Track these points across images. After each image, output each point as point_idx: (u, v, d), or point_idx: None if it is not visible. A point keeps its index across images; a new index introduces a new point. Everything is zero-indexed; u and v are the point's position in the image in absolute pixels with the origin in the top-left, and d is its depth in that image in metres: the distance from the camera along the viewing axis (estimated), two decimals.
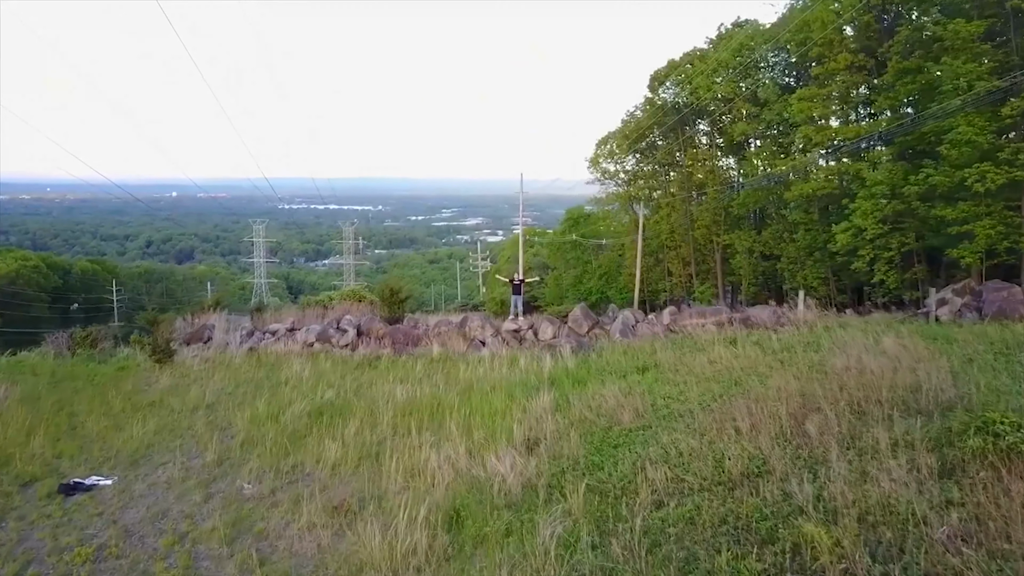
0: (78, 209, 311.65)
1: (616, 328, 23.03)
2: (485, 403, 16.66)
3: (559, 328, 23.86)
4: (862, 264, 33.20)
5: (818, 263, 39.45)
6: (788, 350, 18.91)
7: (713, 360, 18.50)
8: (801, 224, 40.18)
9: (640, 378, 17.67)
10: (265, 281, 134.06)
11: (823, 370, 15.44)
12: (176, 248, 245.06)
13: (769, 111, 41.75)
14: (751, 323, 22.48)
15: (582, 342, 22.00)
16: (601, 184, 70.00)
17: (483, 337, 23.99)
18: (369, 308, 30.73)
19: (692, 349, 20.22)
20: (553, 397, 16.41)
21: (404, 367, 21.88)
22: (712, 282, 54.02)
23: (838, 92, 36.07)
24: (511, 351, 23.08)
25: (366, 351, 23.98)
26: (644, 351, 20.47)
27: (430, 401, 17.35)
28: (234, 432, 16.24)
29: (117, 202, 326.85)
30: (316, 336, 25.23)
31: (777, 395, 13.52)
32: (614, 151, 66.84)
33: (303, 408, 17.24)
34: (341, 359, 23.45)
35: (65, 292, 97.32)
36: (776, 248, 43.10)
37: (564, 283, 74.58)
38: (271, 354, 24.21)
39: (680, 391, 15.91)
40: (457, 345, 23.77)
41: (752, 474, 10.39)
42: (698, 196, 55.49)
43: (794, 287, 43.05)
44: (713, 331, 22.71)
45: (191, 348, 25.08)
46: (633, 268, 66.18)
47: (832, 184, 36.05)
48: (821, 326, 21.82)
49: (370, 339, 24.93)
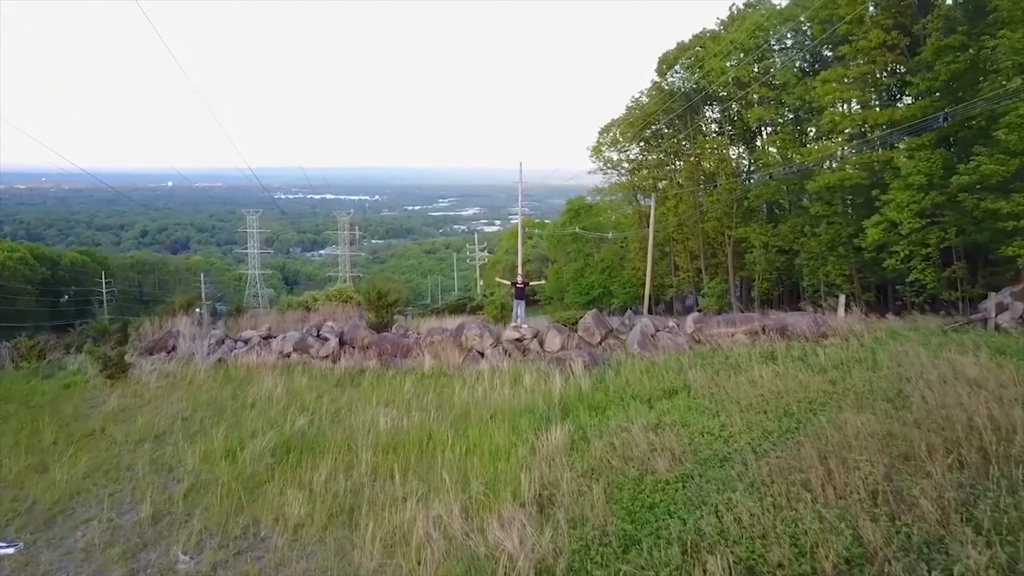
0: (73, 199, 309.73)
1: (633, 339, 20.19)
2: (485, 438, 13.83)
3: (568, 338, 21.02)
4: (895, 262, 30.38)
5: (841, 259, 36.68)
6: (840, 368, 16.13)
7: (755, 382, 15.69)
8: (823, 217, 37.32)
9: (669, 405, 14.85)
10: (259, 272, 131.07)
11: (898, 399, 12.76)
12: (171, 238, 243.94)
13: (788, 95, 38.84)
14: (788, 333, 19.66)
15: (595, 355, 19.16)
16: (603, 174, 67.42)
17: (481, 347, 21.16)
18: (356, 310, 27.88)
19: (726, 366, 17.41)
20: (567, 431, 13.57)
21: (391, 385, 19.05)
22: (722, 277, 51.27)
23: (867, 73, 33.09)
24: (513, 364, 20.24)
25: (349, 363, 21.15)
26: (670, 368, 17.65)
27: (419, 433, 14.53)
28: (181, 475, 13.39)
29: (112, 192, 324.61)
30: (293, 345, 22.38)
31: (854, 438, 10.81)
32: (617, 139, 64.12)
33: (268, 442, 14.38)
34: (320, 373, 20.61)
35: (54, 284, 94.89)
36: (795, 243, 40.26)
37: (564, 277, 71.88)
38: (241, 367, 21.35)
39: (722, 425, 13.13)
40: (452, 357, 20.94)
41: (849, 562, 7.69)
42: (708, 187, 52.65)
43: (813, 284, 40.29)
44: (745, 342, 19.90)
45: (153, 359, 22.22)
46: (637, 262, 63.44)
47: (860, 174, 33.14)
48: (869, 336, 19.03)
49: (354, 349, 22.09)
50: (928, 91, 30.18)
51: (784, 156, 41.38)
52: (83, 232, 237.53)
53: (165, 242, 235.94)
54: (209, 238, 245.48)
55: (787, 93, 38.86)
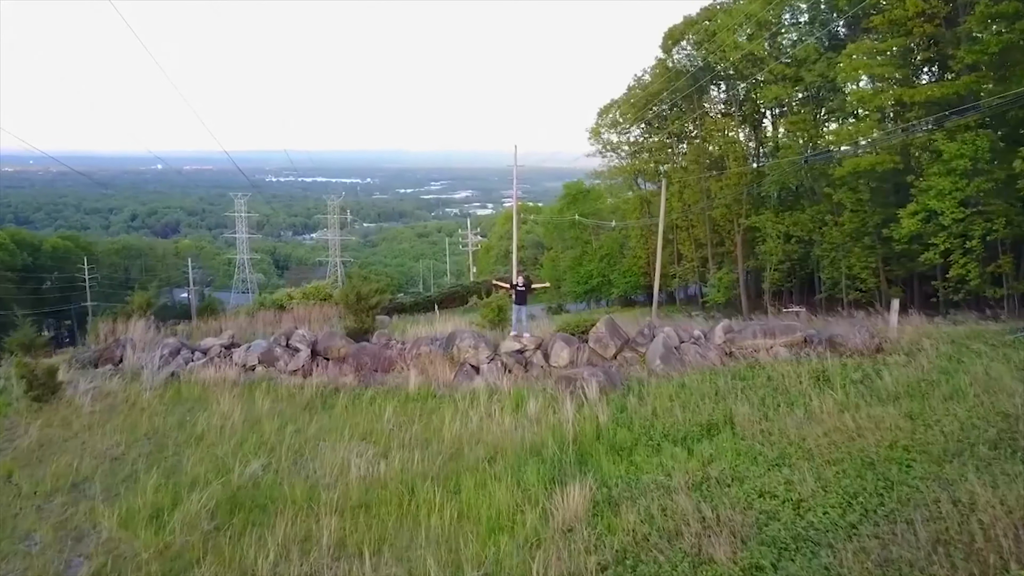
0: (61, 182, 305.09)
1: (655, 352, 17.20)
2: (482, 499, 10.86)
3: (577, 350, 18.01)
4: (933, 255, 27.42)
5: (867, 250, 33.70)
6: (914, 396, 13.24)
7: (814, 414, 12.76)
8: (847, 205, 34.28)
9: (712, 448, 11.90)
10: (247, 257, 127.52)
11: (1006, 444, 10.07)
12: (161, 222, 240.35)
13: (808, 72, 35.70)
14: (837, 345, 16.71)
15: (611, 374, 16.18)
16: (602, 157, 64.29)
17: (476, 361, 18.15)
18: (336, 310, 24.83)
19: (772, 392, 14.45)
20: (588, 489, 10.59)
21: (369, 410, 16.05)
22: (730, 267, 48.29)
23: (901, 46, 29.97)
24: (514, 382, 17.26)
25: (322, 379, 18.13)
26: (704, 394, 14.67)
27: (399, 486, 11.54)
28: (91, 548, 10.38)
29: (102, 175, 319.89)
30: (259, 356, 19.34)
31: (981, 510, 8.07)
32: (618, 120, 60.94)
33: (209, 497, 11.37)
34: (287, 392, 17.56)
35: (36, 271, 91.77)
36: (814, 232, 37.25)
37: (561, 265, 68.82)
38: (196, 384, 18.28)
39: (787, 482, 10.25)
40: (442, 372, 17.94)
41: None
42: (715, 171, 49.59)
43: (832, 277, 37.36)
44: (786, 357, 16.95)
45: (96, 374, 19.15)
46: (639, 250, 60.42)
47: (893, 158, 30.05)
48: (932, 349, 16.10)
49: (328, 361, 19.06)
50: (974, 65, 27.11)
51: (803, 139, 38.37)
52: (71, 216, 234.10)
53: (155, 226, 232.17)
54: (199, 222, 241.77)
55: (807, 70, 35.81)
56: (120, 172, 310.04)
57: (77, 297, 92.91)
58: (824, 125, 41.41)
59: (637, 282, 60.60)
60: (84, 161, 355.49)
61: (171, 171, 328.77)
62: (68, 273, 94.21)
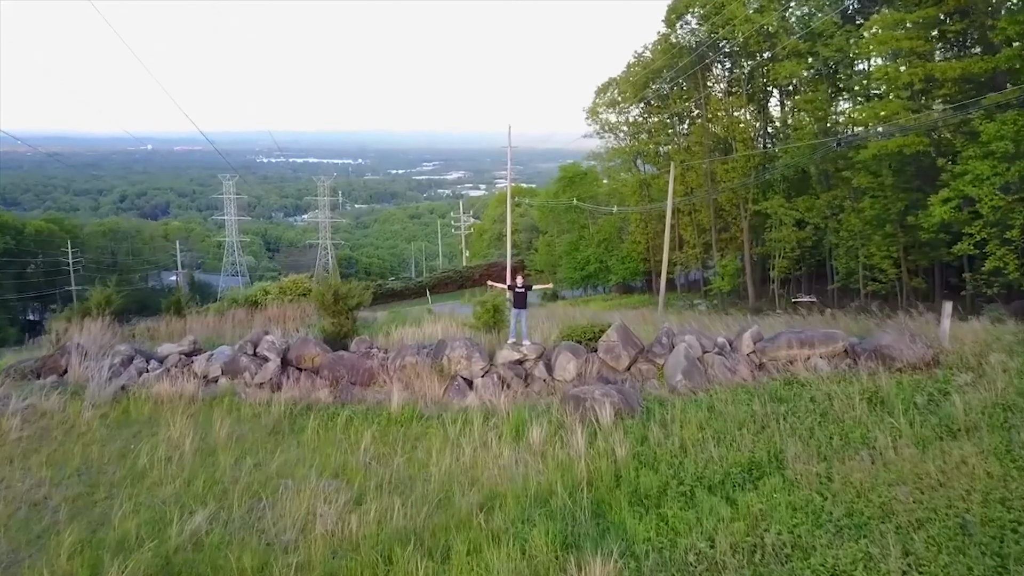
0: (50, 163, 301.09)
1: (676, 365, 14.90)
2: (477, 572, 8.57)
3: (585, 362, 15.70)
4: (967, 245, 25.18)
5: (888, 238, 31.39)
6: (998, 427, 11.04)
7: (880, 454, 10.52)
8: (867, 190, 31.93)
9: (760, 500, 9.60)
10: (237, 240, 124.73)
11: None
12: (151, 203, 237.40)
13: (825, 46, 33.22)
14: (886, 357, 14.45)
15: (627, 393, 13.88)
16: (600, 138, 61.83)
17: (469, 373, 15.84)
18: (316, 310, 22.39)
19: (820, 419, 12.18)
20: (612, 562, 8.31)
21: (344, 435, 13.72)
22: (735, 254, 45.99)
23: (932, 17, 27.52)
24: (512, 399, 14.98)
25: (293, 392, 15.82)
26: (740, 420, 12.40)
27: (371, 552, 9.24)
28: None
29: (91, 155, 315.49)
30: (223, 366, 17.00)
31: None
32: (616, 100, 58.41)
33: (134, 569, 9.05)
34: (251, 411, 15.23)
35: (20, 254, 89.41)
36: (831, 219, 34.92)
37: (557, 250, 66.44)
38: (148, 401, 15.92)
39: (865, 556, 8.10)
40: (429, 386, 15.63)
41: None
42: (720, 153, 47.20)
43: (848, 266, 35.09)
44: (827, 370, 14.70)
45: (36, 387, 16.75)
46: (638, 235, 58.08)
47: (923, 140, 27.66)
48: (999, 363, 13.84)
49: (301, 373, 16.73)
50: (1018, 37, 24.68)
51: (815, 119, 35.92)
52: (60, 197, 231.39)
53: (144, 207, 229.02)
54: (190, 203, 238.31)
55: (823, 44, 33.38)
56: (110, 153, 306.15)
57: (62, 281, 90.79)
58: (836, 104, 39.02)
59: (636, 268, 58.31)
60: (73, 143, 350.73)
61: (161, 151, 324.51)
62: (53, 256, 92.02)
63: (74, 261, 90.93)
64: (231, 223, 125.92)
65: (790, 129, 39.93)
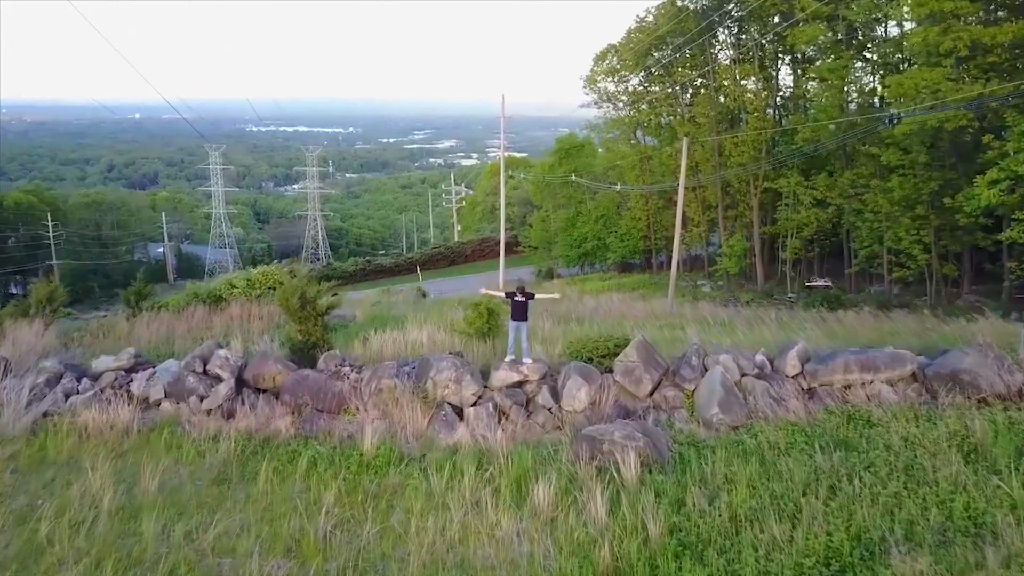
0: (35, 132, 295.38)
1: (711, 394, 12.25)
2: None
3: (598, 388, 13.00)
4: (1017, 232, 22.55)
5: (919, 221, 28.69)
6: None
7: (997, 539, 7.96)
8: (897, 168, 29.14)
9: None
10: (224, 211, 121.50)
11: None
12: (139, 173, 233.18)
13: (850, 9, 30.24)
14: (966, 384, 11.87)
15: (652, 433, 11.25)
16: (598, 108, 58.72)
17: (459, 400, 13.16)
18: None
19: (907, 478, 9.57)
20: None
21: (302, 489, 11.08)
22: (743, 233, 43.26)
23: None
24: (512, 435, 12.34)
25: (248, 422, 13.15)
26: (805, 483, 9.75)
27: None
28: None
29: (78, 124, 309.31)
30: (166, 387, 14.28)
31: None
32: (616, 68, 55.23)
33: None
34: (195, 448, 12.54)
35: None
36: (854, 199, 32.13)
37: (552, 226, 63.44)
38: (74, 431, 13.21)
39: None
40: (411, 415, 12.96)
41: None
42: (728, 125, 44.29)
43: (871, 250, 32.41)
44: (892, 399, 12.10)
45: None
46: (638, 211, 55.15)
47: (967, 114, 24.84)
48: None
49: (260, 395, 14.04)
50: None
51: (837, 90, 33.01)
52: (46, 167, 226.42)
53: (132, 177, 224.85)
54: (178, 172, 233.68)
55: (846, 7, 30.44)
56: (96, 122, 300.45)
57: (44, 255, 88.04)
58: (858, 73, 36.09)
59: (636, 246, 55.52)
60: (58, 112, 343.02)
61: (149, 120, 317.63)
62: (33, 230, 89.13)
63: (55, 234, 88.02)
64: (218, 194, 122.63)
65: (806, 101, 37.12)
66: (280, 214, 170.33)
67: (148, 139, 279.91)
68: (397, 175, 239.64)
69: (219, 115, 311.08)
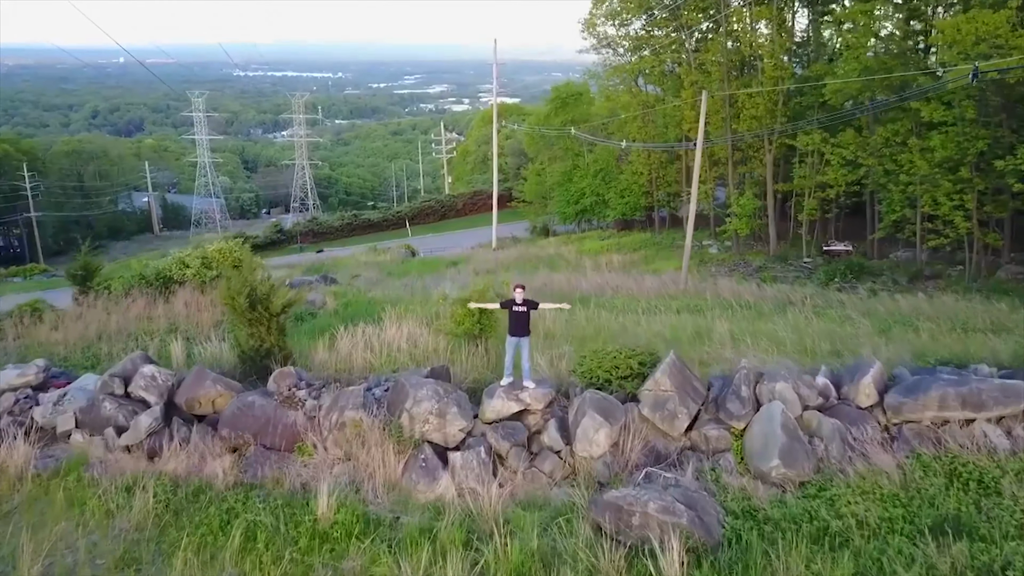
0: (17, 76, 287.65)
1: (768, 439, 9.44)
2: None
3: (621, 429, 10.16)
4: None
5: (962, 184, 25.69)
6: None
7: None
8: (939, 125, 25.99)
9: None
10: (209, 160, 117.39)
11: None
12: (124, 119, 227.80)
13: None
14: None
15: (697, 503, 8.49)
16: (597, 54, 54.91)
17: (443, 438, 10.34)
18: None
19: None
20: None
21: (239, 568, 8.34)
22: (753, 191, 40.12)
23: None
24: (511, 492, 9.57)
25: (176, 464, 10.38)
26: None
27: None
28: None
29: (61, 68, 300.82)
30: (79, 413, 11.45)
31: None
32: (617, 10, 51.35)
33: None
34: (103, 505, 9.75)
35: None
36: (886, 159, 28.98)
37: (548, 180, 60.07)
38: None
39: None
40: (381, 460, 10.17)
41: None
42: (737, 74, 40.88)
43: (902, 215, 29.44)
44: (1003, 445, 9.34)
45: None
46: (639, 165, 51.78)
47: None
48: None
49: (192, 427, 11.22)
50: None
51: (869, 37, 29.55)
52: (29, 113, 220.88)
53: (118, 123, 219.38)
54: (164, 119, 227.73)
55: None
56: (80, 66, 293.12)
57: (23, 207, 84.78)
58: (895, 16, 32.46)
59: (637, 203, 52.29)
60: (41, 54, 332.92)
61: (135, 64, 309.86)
62: (11, 180, 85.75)
63: (32, 185, 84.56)
64: (202, 142, 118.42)
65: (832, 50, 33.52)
66: (269, 162, 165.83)
67: (133, 84, 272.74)
68: (387, 121, 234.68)
69: (207, 59, 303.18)
